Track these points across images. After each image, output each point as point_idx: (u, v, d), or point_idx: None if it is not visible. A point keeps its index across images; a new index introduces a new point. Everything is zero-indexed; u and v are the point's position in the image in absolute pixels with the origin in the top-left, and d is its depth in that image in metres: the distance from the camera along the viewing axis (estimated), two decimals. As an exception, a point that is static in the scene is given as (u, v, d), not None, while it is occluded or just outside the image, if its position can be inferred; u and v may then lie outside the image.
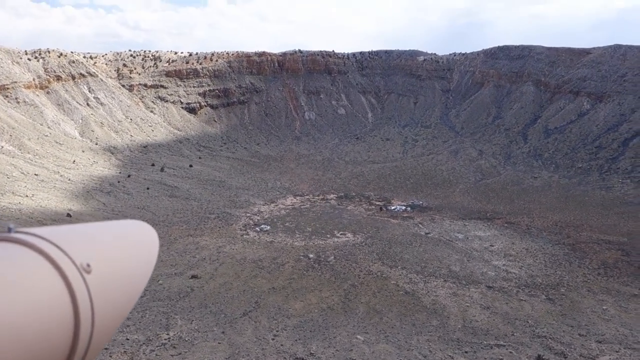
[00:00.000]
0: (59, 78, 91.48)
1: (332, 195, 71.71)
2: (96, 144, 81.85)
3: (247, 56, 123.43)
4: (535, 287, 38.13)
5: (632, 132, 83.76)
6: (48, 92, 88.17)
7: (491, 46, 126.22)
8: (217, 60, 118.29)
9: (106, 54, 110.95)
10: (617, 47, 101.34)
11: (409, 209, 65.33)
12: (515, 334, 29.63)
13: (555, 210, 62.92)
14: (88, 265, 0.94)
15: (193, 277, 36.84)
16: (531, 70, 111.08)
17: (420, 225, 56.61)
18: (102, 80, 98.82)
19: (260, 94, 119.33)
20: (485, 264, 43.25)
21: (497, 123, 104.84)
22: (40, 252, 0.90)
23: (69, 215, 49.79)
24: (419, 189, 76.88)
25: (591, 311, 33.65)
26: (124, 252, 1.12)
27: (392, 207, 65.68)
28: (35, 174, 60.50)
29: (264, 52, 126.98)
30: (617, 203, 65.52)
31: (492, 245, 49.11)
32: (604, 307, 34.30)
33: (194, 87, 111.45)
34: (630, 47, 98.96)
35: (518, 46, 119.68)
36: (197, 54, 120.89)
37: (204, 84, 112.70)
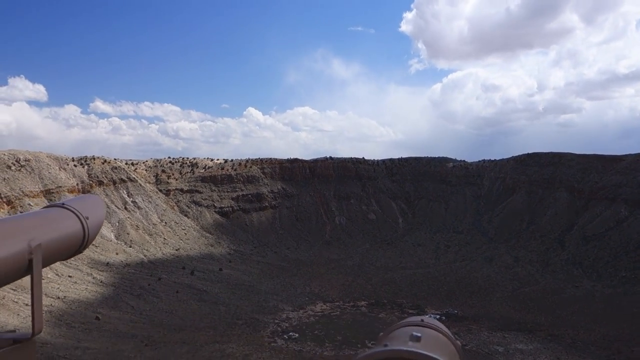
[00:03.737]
0: (100, 183, 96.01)
1: (362, 302, 69.57)
2: (130, 246, 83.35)
3: (280, 163, 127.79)
4: (587, 409, 34.74)
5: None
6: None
7: (520, 153, 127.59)
8: (250, 167, 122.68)
9: (147, 161, 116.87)
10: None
11: (443, 317, 62.44)
12: None
13: (602, 323, 59.02)
14: (87, 218, 2.50)
15: (217, 387, 35.15)
16: (563, 176, 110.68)
17: (456, 336, 53.55)
18: (140, 185, 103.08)
19: (292, 198, 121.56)
20: (530, 381, 40.03)
21: (532, 229, 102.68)
22: (72, 211, 2.47)
23: (97, 318, 49.47)
24: (453, 296, 74.01)
25: None
26: (94, 210, 2.70)
27: (426, 316, 62.93)
28: (69, 276, 61.32)
29: (296, 158, 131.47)
30: (669, 316, 61.16)
31: (536, 360, 45.79)
32: None
33: (227, 191, 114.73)
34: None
35: (548, 153, 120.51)
36: (232, 160, 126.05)
37: (237, 189, 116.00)
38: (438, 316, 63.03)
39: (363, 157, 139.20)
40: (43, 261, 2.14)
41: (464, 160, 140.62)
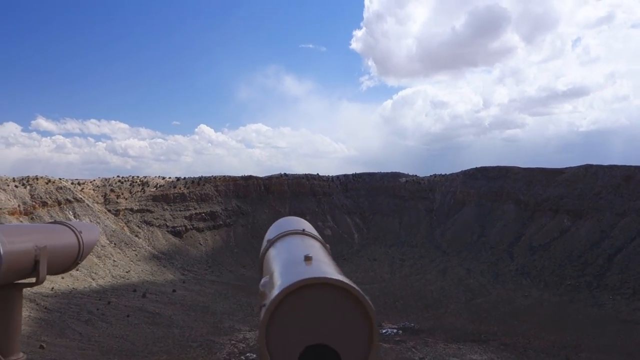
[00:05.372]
0: (44, 204, 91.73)
1: (320, 319, 69.17)
2: (77, 270, 79.70)
3: (234, 180, 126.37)
4: (540, 416, 35.71)
5: (615, 248, 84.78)
6: (32, 218, 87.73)
7: (469, 167, 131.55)
8: (204, 185, 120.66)
9: (94, 180, 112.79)
10: (588, 167, 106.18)
11: (400, 332, 62.95)
12: None
13: (551, 330, 61.18)
14: (81, 232, 3.44)
15: (172, 414, 33.88)
16: (510, 189, 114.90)
17: (413, 350, 54.18)
18: (88, 205, 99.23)
19: (247, 216, 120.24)
20: (485, 391, 40.81)
21: (482, 241, 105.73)
22: (70, 228, 3.50)
23: (41, 347, 46.79)
24: (409, 310, 74.86)
25: None
26: (91, 231, 3.66)
27: (383, 330, 63.24)
28: (10, 303, 57.82)
29: (250, 176, 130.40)
30: (611, 321, 64.15)
31: (490, 370, 46.79)
32: None
33: (180, 210, 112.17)
34: (601, 167, 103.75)
35: (495, 167, 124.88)
36: (184, 178, 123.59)
37: (190, 208, 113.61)
38: (395, 330, 63.53)
39: (317, 173, 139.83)
40: None
41: (416, 175, 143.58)
